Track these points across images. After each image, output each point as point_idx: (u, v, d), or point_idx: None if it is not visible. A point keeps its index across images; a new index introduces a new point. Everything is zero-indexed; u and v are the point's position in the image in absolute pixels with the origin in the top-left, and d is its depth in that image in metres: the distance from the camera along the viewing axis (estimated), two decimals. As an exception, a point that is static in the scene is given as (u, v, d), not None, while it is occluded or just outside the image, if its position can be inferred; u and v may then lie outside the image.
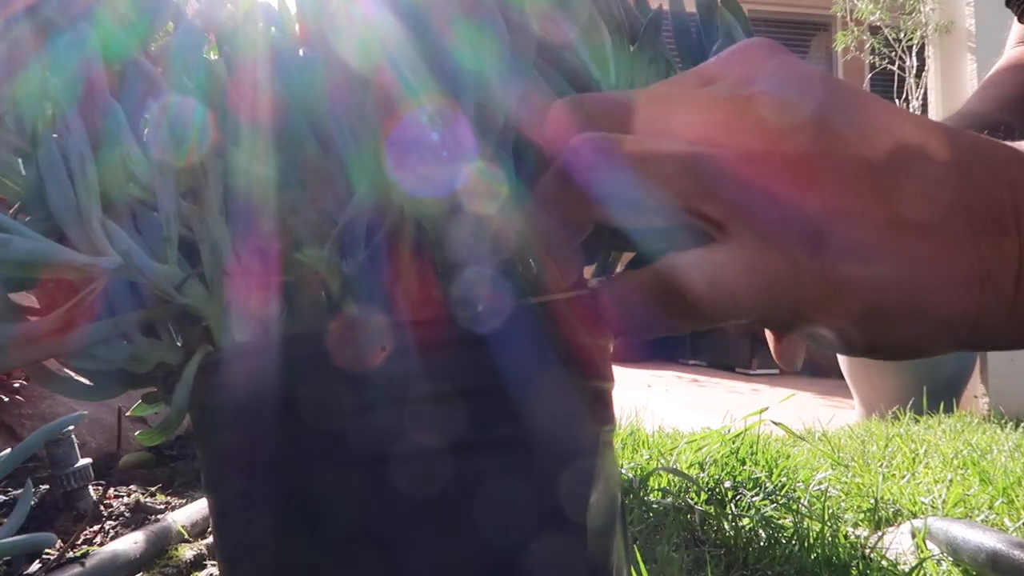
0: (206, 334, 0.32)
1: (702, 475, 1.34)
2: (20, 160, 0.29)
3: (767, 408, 1.44)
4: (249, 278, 0.29)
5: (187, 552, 0.97)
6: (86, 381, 0.34)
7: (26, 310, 0.31)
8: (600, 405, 0.37)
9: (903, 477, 1.57)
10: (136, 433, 0.39)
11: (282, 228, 0.29)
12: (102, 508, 1.06)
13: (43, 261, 0.26)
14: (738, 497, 1.25)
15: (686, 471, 1.35)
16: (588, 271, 0.40)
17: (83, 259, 0.26)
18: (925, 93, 3.87)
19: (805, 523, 1.13)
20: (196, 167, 0.28)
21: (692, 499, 1.21)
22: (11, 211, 0.30)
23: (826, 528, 1.09)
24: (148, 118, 0.29)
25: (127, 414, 0.38)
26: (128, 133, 0.27)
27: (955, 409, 2.65)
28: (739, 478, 1.32)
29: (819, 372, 3.89)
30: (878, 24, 4.25)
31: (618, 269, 0.40)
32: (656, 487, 1.29)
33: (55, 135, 0.27)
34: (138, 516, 1.07)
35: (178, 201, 0.28)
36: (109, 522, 1.05)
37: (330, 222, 0.30)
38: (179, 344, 0.34)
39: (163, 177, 0.27)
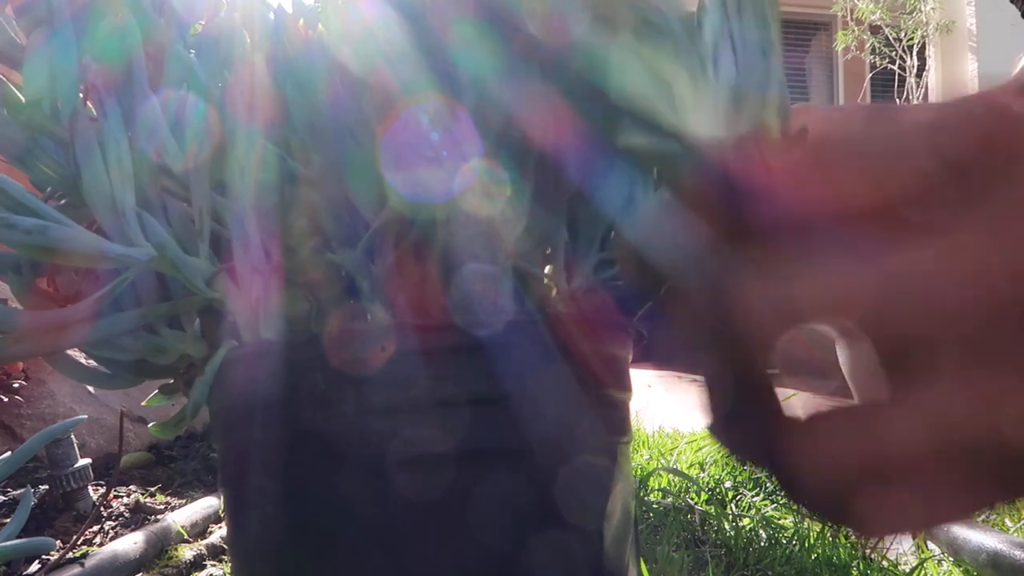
0: (231, 329, 0.31)
1: (702, 475, 1.34)
2: (53, 145, 0.29)
3: (767, 408, 1.44)
4: (278, 275, 0.29)
5: (187, 552, 0.97)
6: (104, 369, 0.33)
7: (48, 295, 0.31)
8: (616, 415, 0.36)
9: (902, 478, 1.57)
10: (150, 425, 0.39)
11: (313, 227, 0.29)
12: (102, 508, 1.05)
13: (78, 250, 0.25)
14: (738, 497, 1.25)
15: (686, 471, 1.35)
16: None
17: (118, 249, 0.26)
18: (926, 93, 3.87)
19: (806, 523, 1.13)
20: (231, 162, 0.28)
21: (692, 499, 1.21)
22: (43, 196, 0.30)
23: (827, 528, 1.09)
24: (182, 110, 0.29)
25: (142, 404, 0.38)
26: (163, 124, 0.27)
27: (952, 410, 2.64)
28: (739, 478, 1.32)
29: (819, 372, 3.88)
30: (879, 24, 4.25)
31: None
32: (656, 487, 1.29)
33: (92, 120, 0.27)
34: (138, 516, 1.07)
35: (211, 195, 0.27)
36: (109, 522, 1.04)
37: (362, 223, 0.30)
38: (202, 337, 0.34)
39: (197, 171, 0.27)
